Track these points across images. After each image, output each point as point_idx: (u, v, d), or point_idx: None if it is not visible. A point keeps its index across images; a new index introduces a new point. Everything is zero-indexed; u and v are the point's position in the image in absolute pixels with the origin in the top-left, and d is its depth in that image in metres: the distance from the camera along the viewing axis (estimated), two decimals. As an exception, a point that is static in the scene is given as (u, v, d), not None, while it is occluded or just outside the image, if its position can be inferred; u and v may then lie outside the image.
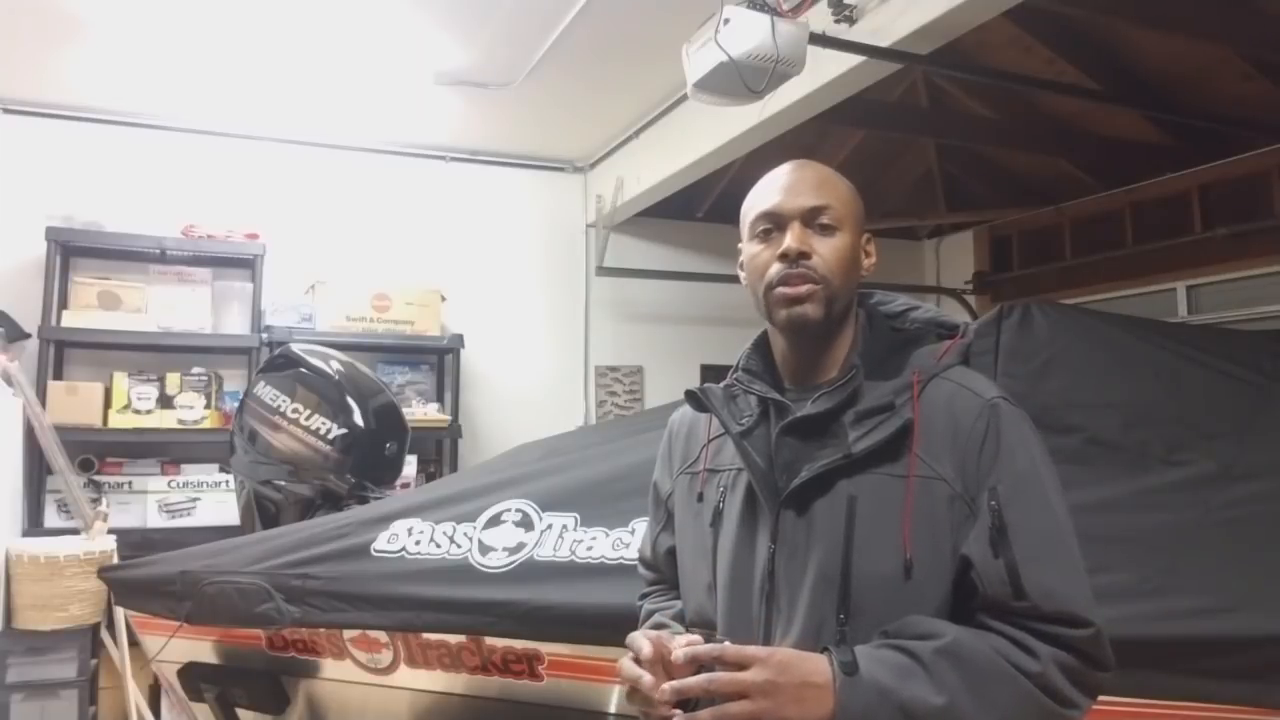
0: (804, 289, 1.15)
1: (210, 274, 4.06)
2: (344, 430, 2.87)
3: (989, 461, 1.10)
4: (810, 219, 1.18)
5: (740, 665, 1.00)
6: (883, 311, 1.27)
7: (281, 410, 2.92)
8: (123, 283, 3.92)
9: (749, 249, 1.22)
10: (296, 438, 2.89)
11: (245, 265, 4.09)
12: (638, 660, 1.09)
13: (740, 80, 2.36)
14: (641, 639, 1.11)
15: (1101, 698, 1.35)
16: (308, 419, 2.89)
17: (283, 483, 2.93)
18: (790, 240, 1.16)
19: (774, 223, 1.19)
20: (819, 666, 1.01)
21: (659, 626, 1.27)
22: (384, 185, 4.57)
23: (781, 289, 1.16)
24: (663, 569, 1.38)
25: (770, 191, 1.21)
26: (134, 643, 3.02)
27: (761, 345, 1.29)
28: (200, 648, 2.34)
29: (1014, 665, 1.02)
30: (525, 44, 3.47)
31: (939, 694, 0.99)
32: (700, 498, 1.26)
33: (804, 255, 1.16)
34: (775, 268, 1.17)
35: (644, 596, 1.42)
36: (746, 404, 1.23)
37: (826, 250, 1.17)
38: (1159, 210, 4.66)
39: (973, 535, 1.07)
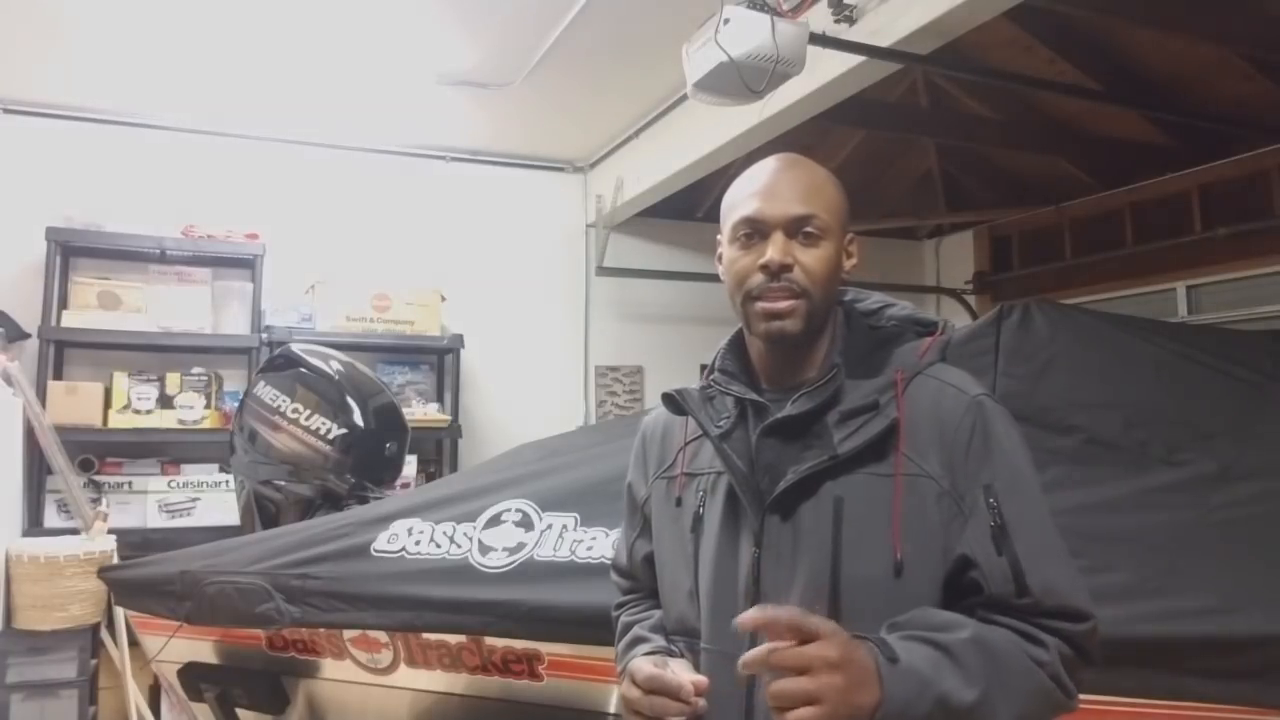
0: (785, 305, 1.12)
1: (210, 274, 4.06)
2: (344, 430, 2.87)
3: (978, 458, 1.09)
4: (794, 229, 1.13)
5: (805, 639, 0.94)
6: (859, 309, 1.24)
7: (281, 410, 2.92)
8: (123, 283, 3.92)
9: (729, 252, 1.18)
10: (296, 438, 2.88)
11: (245, 265, 4.08)
12: (635, 683, 1.09)
13: (740, 80, 2.36)
14: (644, 665, 1.10)
15: (1102, 698, 1.35)
16: (308, 419, 2.89)
17: (283, 483, 2.92)
18: (772, 252, 1.12)
19: (755, 229, 1.14)
20: (867, 650, 0.97)
21: (639, 640, 1.25)
22: (384, 185, 4.57)
23: (762, 303, 1.13)
24: (639, 576, 1.36)
25: (753, 194, 1.15)
26: (134, 643, 3.02)
27: (737, 344, 1.25)
28: (200, 648, 2.34)
29: (1030, 657, 1.02)
30: (525, 44, 3.47)
31: (971, 686, 0.98)
32: (678, 502, 1.23)
33: (786, 268, 1.12)
34: (756, 279, 1.13)
35: (619, 607, 1.38)
36: (724, 405, 1.20)
37: (810, 261, 1.13)
38: (1159, 210, 4.66)
39: (971, 534, 1.06)
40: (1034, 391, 2.01)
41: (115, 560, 3.12)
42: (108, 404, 3.79)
